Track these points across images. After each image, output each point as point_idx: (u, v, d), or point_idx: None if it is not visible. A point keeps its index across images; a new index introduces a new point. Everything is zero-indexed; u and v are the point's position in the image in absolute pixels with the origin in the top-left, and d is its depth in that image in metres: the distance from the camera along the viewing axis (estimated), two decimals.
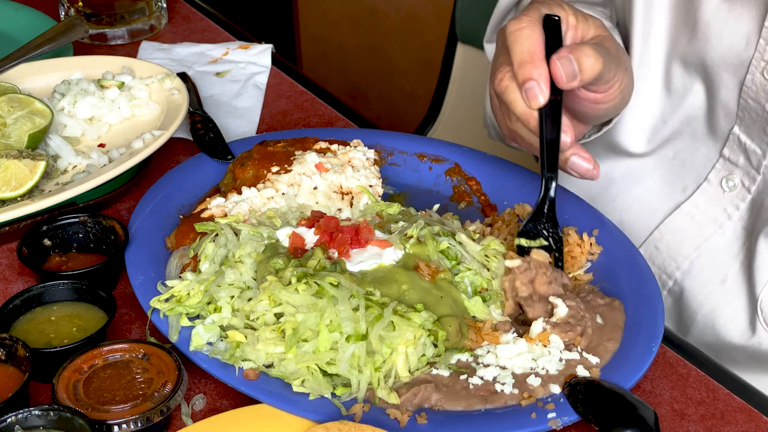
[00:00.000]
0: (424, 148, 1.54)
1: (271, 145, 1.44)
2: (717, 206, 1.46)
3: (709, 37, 1.38)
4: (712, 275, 1.47)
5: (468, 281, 1.23)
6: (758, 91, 1.35)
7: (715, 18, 1.37)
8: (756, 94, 1.35)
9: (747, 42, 1.35)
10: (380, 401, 1.10)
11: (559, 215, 1.38)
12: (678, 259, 1.50)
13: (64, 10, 1.95)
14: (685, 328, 1.51)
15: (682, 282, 1.50)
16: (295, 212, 1.32)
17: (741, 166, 1.42)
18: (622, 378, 1.12)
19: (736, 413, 1.15)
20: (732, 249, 1.45)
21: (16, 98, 1.47)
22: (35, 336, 1.19)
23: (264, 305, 1.14)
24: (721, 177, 1.45)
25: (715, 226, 1.46)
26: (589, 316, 1.19)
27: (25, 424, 1.04)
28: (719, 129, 1.44)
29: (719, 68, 1.39)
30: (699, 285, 1.48)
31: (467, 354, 1.16)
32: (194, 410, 1.14)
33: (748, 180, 1.42)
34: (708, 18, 1.38)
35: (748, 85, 1.36)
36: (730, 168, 1.44)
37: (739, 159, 1.42)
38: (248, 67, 1.85)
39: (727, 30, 1.36)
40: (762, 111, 1.36)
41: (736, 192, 1.44)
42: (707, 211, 1.47)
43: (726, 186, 1.45)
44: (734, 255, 1.45)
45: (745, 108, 1.38)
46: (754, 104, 1.36)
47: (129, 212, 1.45)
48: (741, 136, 1.40)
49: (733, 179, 1.43)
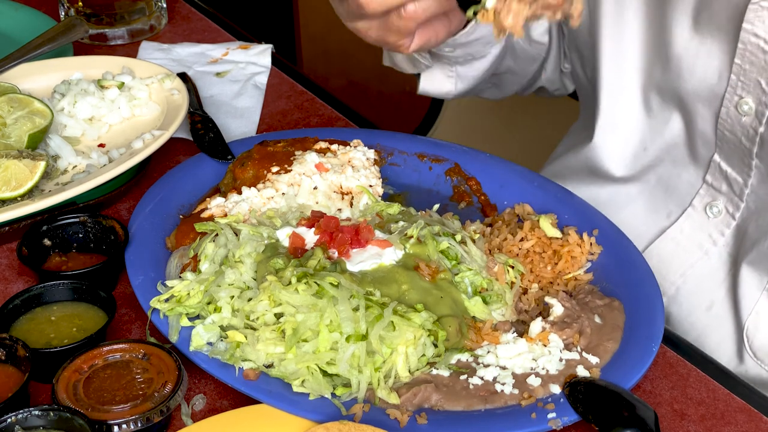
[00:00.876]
0: (424, 148, 1.54)
1: (271, 145, 1.44)
2: (702, 232, 1.45)
3: (681, 71, 1.38)
4: (698, 302, 1.46)
5: (468, 281, 1.23)
6: (734, 124, 1.34)
7: (686, 52, 1.37)
8: (732, 127, 1.35)
9: (719, 76, 1.34)
10: (380, 401, 1.10)
11: (560, 215, 1.38)
12: (664, 285, 1.48)
13: (64, 10, 1.95)
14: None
15: (668, 308, 1.48)
16: (295, 212, 1.32)
17: (724, 192, 1.41)
18: (622, 378, 1.12)
19: (736, 413, 1.15)
20: (718, 275, 1.44)
21: (16, 98, 1.47)
22: (35, 336, 1.19)
23: (264, 305, 1.14)
24: (705, 203, 1.44)
25: (701, 252, 1.46)
26: (585, 315, 1.19)
27: (25, 424, 1.04)
28: (700, 156, 1.43)
29: (694, 100, 1.39)
30: (685, 311, 1.47)
31: (467, 354, 1.16)
32: (194, 410, 1.14)
33: (732, 206, 1.41)
34: (679, 51, 1.38)
35: (723, 118, 1.35)
36: (714, 194, 1.43)
37: (722, 186, 1.41)
38: (248, 67, 1.85)
39: (699, 64, 1.36)
40: (739, 143, 1.35)
41: (721, 218, 1.43)
42: (692, 237, 1.46)
43: (710, 212, 1.44)
44: (720, 281, 1.44)
45: (722, 138, 1.37)
46: (731, 136, 1.36)
47: (129, 212, 1.45)
48: (722, 163, 1.40)
49: (717, 205, 1.43)
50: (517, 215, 1.40)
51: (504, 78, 1.71)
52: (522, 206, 1.41)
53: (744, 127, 1.33)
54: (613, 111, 1.50)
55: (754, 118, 1.32)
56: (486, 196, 1.47)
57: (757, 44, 1.28)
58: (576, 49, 1.60)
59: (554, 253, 1.31)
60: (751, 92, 1.31)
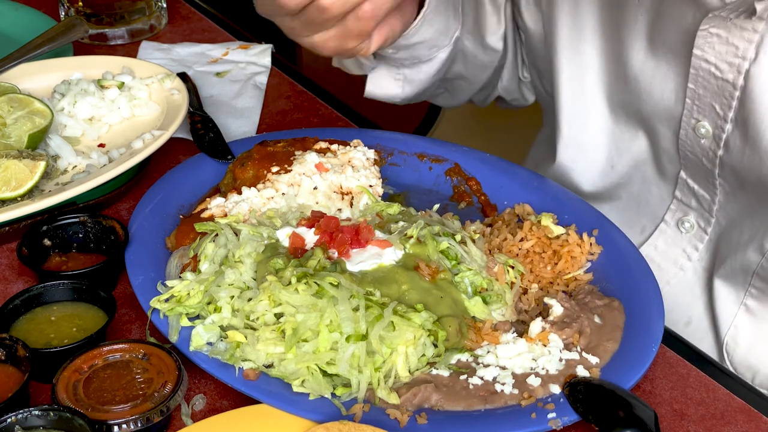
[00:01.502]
0: (424, 148, 1.54)
1: (271, 145, 1.44)
2: (676, 247, 1.46)
3: (640, 92, 1.39)
4: (677, 318, 1.46)
5: (468, 281, 1.23)
6: (693, 145, 1.35)
7: (643, 73, 1.37)
8: (692, 148, 1.35)
9: (675, 98, 1.35)
10: (380, 401, 1.10)
11: (560, 215, 1.38)
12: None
13: (64, 10, 1.95)
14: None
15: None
16: (295, 212, 1.32)
17: (694, 208, 1.42)
18: (622, 378, 1.12)
19: (736, 413, 1.15)
20: (694, 290, 1.45)
21: (16, 98, 1.47)
22: (35, 336, 1.19)
23: (264, 305, 1.14)
24: (677, 218, 1.45)
25: (676, 268, 1.46)
26: (585, 315, 1.19)
27: (25, 424, 1.04)
28: (667, 172, 1.44)
29: (654, 119, 1.39)
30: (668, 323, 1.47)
31: (467, 354, 1.16)
32: (194, 410, 1.14)
33: (703, 221, 1.42)
34: (636, 73, 1.38)
35: (682, 138, 1.36)
36: (685, 209, 1.43)
37: (691, 201, 1.42)
38: (248, 67, 1.85)
39: (656, 85, 1.36)
40: (701, 164, 1.36)
41: (693, 232, 1.43)
42: (667, 253, 1.47)
43: (683, 227, 1.44)
44: (697, 296, 1.45)
45: (685, 158, 1.38)
46: (693, 157, 1.36)
47: (129, 212, 1.45)
48: (688, 180, 1.40)
49: (689, 220, 1.43)
50: (517, 215, 1.40)
51: (456, 84, 1.67)
52: (522, 206, 1.41)
53: (703, 149, 1.33)
54: (574, 130, 1.50)
55: (712, 141, 1.32)
56: (486, 196, 1.47)
57: (708, 70, 1.28)
58: (534, 64, 1.59)
59: (554, 253, 1.31)
60: (707, 116, 1.31)
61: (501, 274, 1.26)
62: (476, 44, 1.58)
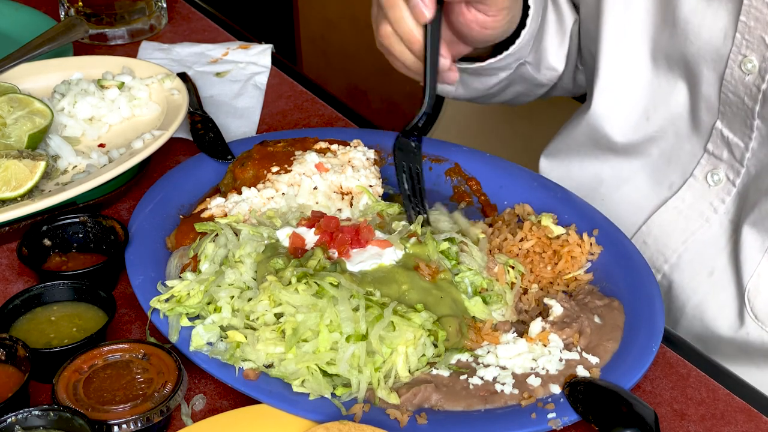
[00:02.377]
0: (424, 148, 1.53)
1: (271, 145, 1.44)
2: (703, 200, 1.48)
3: (688, 34, 1.41)
4: (700, 268, 1.49)
5: (468, 281, 1.23)
6: (737, 84, 1.37)
7: (693, 15, 1.40)
8: (735, 88, 1.38)
9: (725, 36, 1.37)
10: (380, 401, 1.10)
11: (560, 215, 1.38)
12: (666, 252, 1.52)
13: (64, 10, 1.95)
14: (675, 321, 1.52)
15: (670, 275, 1.52)
16: (295, 212, 1.32)
17: (725, 160, 1.44)
18: (622, 378, 1.12)
19: (736, 413, 1.15)
20: (719, 242, 1.47)
21: (16, 98, 1.47)
22: (35, 336, 1.19)
23: (264, 305, 1.14)
24: (706, 172, 1.47)
25: (702, 220, 1.48)
26: (585, 315, 1.19)
27: (25, 424, 1.04)
28: (702, 125, 1.46)
29: (699, 64, 1.42)
30: (687, 278, 1.50)
31: (467, 354, 1.16)
32: (194, 410, 1.14)
33: (732, 173, 1.44)
34: (686, 15, 1.40)
35: (727, 79, 1.39)
36: (715, 162, 1.46)
37: (723, 153, 1.44)
38: (248, 67, 1.85)
39: (705, 26, 1.39)
40: (742, 104, 1.38)
41: (722, 186, 1.46)
42: (693, 206, 1.49)
43: (711, 180, 1.47)
44: (721, 248, 1.47)
45: (725, 102, 1.40)
46: (734, 98, 1.39)
47: (129, 212, 1.45)
48: (723, 130, 1.43)
49: (718, 173, 1.46)
50: (517, 215, 1.40)
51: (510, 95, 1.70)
52: (522, 206, 1.41)
53: (747, 86, 1.36)
54: (612, 77, 1.52)
55: (757, 76, 1.35)
56: (486, 196, 1.47)
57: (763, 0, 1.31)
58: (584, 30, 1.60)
59: (554, 253, 1.31)
60: (755, 50, 1.34)
61: (501, 275, 1.26)
62: (535, 68, 1.61)
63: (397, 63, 1.37)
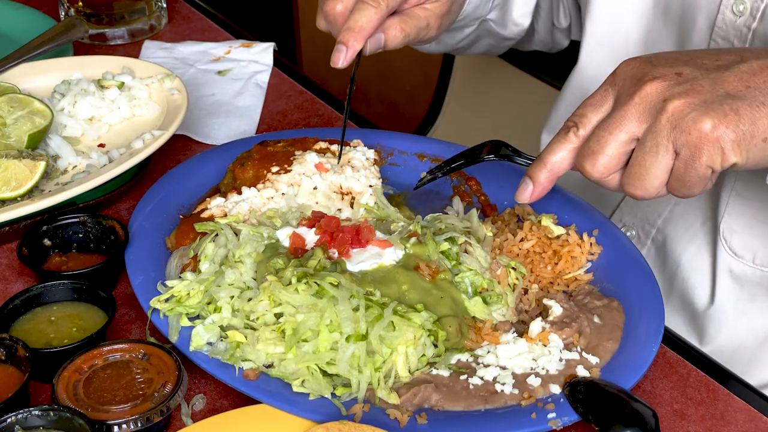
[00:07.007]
0: (424, 148, 1.54)
1: (271, 145, 1.44)
2: None
3: None
4: (692, 219, 1.51)
5: (468, 281, 1.23)
6: (728, 29, 1.40)
7: None
8: (726, 32, 1.40)
9: None
10: (380, 401, 1.10)
11: (560, 215, 1.38)
12: (659, 207, 1.55)
13: (64, 10, 1.95)
14: (670, 279, 1.54)
15: (664, 230, 1.55)
16: (295, 212, 1.32)
17: None
18: (622, 378, 1.12)
19: (736, 413, 1.15)
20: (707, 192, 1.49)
21: (16, 98, 1.47)
22: (35, 336, 1.19)
23: (264, 305, 1.14)
24: None
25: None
26: (584, 315, 1.19)
27: (25, 424, 1.04)
28: None
29: (694, 13, 1.44)
30: (681, 230, 1.52)
31: (467, 354, 1.16)
32: (194, 410, 1.14)
33: None
34: None
35: (719, 25, 1.41)
36: None
37: None
38: (250, 65, 1.85)
39: None
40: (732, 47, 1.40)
41: None
42: None
43: None
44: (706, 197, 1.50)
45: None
46: (723, 42, 1.42)
47: (129, 212, 1.45)
48: None
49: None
50: (517, 215, 1.40)
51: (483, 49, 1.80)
52: (522, 206, 1.41)
53: (737, 28, 1.39)
54: (605, 28, 1.55)
55: (749, 17, 1.38)
56: (486, 196, 1.47)
57: None
58: None
59: (554, 254, 1.31)
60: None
61: (503, 277, 1.26)
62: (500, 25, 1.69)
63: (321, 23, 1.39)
